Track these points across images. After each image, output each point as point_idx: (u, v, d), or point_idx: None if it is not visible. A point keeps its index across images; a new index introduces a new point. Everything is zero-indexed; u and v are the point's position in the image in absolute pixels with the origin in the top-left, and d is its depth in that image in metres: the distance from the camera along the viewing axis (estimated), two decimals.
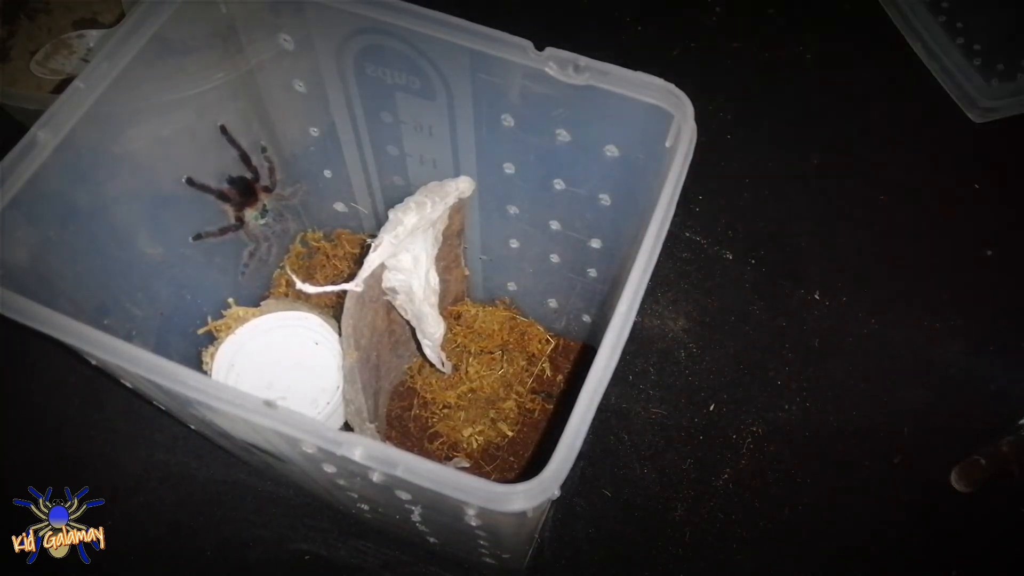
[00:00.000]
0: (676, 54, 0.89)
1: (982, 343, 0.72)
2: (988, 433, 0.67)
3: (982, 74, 0.85)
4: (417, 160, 0.56)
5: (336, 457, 0.34)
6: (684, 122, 0.41)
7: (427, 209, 0.51)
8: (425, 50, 0.46)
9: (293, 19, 0.49)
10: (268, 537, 0.62)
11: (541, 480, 0.33)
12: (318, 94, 0.54)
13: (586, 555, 0.63)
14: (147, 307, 0.55)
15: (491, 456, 0.64)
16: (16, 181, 0.40)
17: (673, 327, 0.72)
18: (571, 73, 0.43)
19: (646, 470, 0.66)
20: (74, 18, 0.81)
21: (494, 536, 0.44)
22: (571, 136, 0.47)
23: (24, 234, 0.42)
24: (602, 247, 0.55)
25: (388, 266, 0.52)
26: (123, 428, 0.66)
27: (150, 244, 0.54)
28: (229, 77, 0.54)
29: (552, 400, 0.66)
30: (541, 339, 0.68)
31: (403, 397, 0.67)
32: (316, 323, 0.61)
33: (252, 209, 0.61)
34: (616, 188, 0.49)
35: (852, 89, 0.88)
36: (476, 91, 0.47)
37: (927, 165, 0.83)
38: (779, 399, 0.69)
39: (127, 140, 0.48)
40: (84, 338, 0.36)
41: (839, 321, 0.73)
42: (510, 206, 0.56)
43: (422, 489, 0.33)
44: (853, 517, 0.65)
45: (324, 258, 0.70)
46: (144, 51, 0.45)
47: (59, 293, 0.46)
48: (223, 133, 0.57)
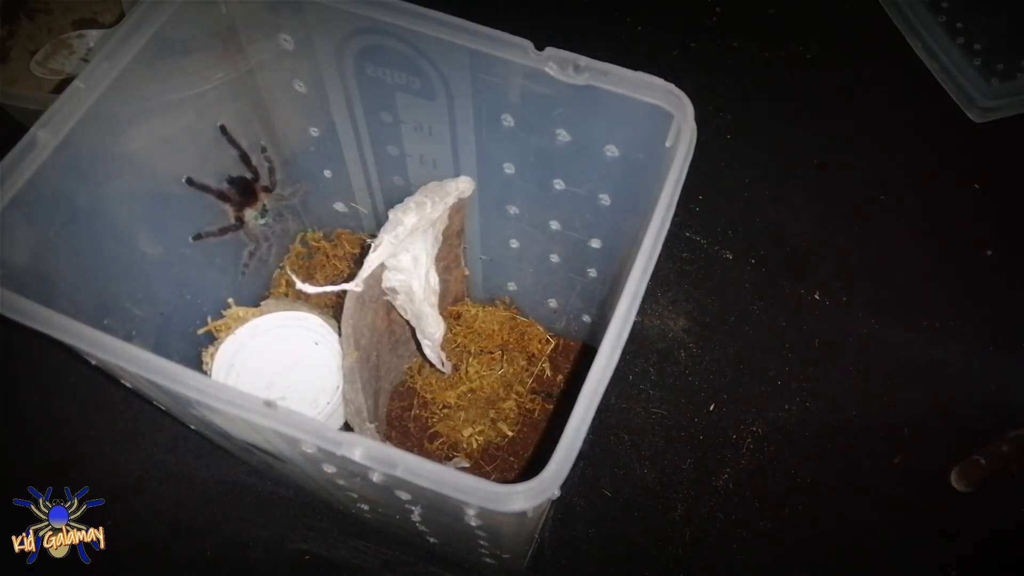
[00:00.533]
0: (676, 54, 0.89)
1: (982, 343, 0.72)
2: (988, 433, 0.67)
3: (982, 74, 0.85)
4: (417, 160, 0.56)
5: (336, 457, 0.34)
6: (684, 122, 0.41)
7: (427, 209, 0.51)
8: (425, 50, 0.46)
9: (293, 19, 0.49)
10: (268, 537, 0.62)
11: (541, 480, 0.33)
12: (318, 94, 0.54)
13: (586, 555, 0.63)
14: (147, 307, 0.55)
15: (491, 456, 0.64)
16: (16, 181, 0.40)
17: (673, 327, 0.72)
18: (571, 73, 0.43)
19: (646, 470, 0.66)
20: (74, 18, 0.81)
21: (494, 536, 0.44)
22: (571, 136, 0.47)
23: (24, 234, 0.42)
24: (602, 247, 0.55)
25: (388, 266, 0.52)
26: (123, 428, 0.66)
27: (150, 244, 0.54)
28: (229, 77, 0.54)
29: (552, 400, 0.66)
30: (541, 339, 0.68)
31: (403, 397, 0.67)
32: (316, 323, 0.61)
33: (252, 209, 0.61)
34: (616, 188, 0.49)
35: (852, 89, 0.88)
36: (476, 91, 0.47)
37: (927, 165, 0.83)
38: (779, 399, 0.69)
39: (127, 140, 0.48)
40: (84, 338, 0.36)
41: (839, 321, 0.73)
42: (510, 206, 0.56)
43: (422, 489, 0.33)
44: (853, 517, 0.65)
45: (324, 258, 0.70)
46: (144, 51, 0.45)
47: (59, 293, 0.46)
48: (223, 133, 0.57)
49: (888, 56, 0.90)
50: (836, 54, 0.90)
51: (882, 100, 0.87)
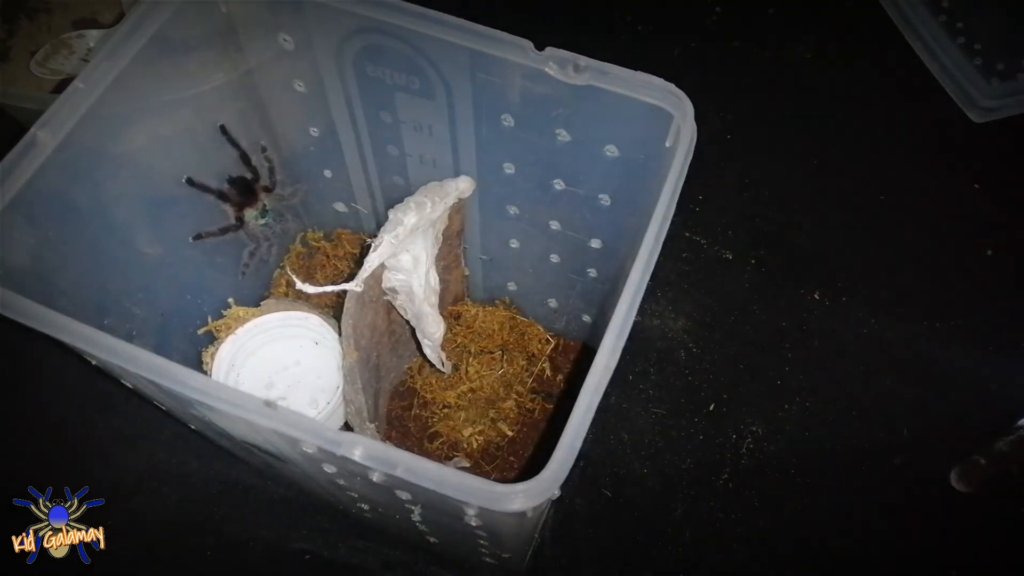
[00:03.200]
0: (676, 54, 0.89)
1: (982, 343, 0.72)
2: (988, 433, 0.67)
3: (982, 74, 0.85)
4: (417, 160, 0.56)
5: (336, 457, 0.34)
6: (684, 122, 0.41)
7: (427, 209, 0.51)
8: (425, 50, 0.46)
9: (293, 19, 0.49)
10: (268, 537, 0.62)
11: (541, 480, 0.33)
12: (318, 94, 0.54)
13: (586, 555, 0.63)
14: (147, 307, 0.55)
15: (491, 456, 0.64)
16: (16, 181, 0.40)
17: (673, 327, 0.72)
18: (571, 73, 0.43)
19: (646, 470, 0.66)
20: (74, 18, 0.81)
21: (494, 536, 0.44)
22: (571, 136, 0.47)
23: (24, 234, 0.42)
24: (602, 247, 0.55)
25: (388, 266, 0.52)
26: (123, 428, 0.66)
27: (150, 244, 0.54)
28: (229, 77, 0.54)
29: (552, 400, 0.66)
30: (541, 339, 0.68)
31: (403, 397, 0.67)
32: (316, 323, 0.61)
33: (252, 209, 0.61)
34: (616, 188, 0.49)
35: (852, 89, 0.88)
36: (476, 91, 0.47)
37: (927, 165, 0.83)
38: (779, 399, 0.69)
39: (127, 140, 0.48)
40: (85, 338, 0.36)
41: (839, 321, 0.73)
42: (510, 206, 0.56)
43: (422, 489, 0.33)
44: (853, 517, 0.65)
45: (324, 258, 0.70)
46: (144, 51, 0.45)
47: (59, 293, 0.46)
48: (223, 133, 0.57)
49: (888, 56, 0.90)
50: (836, 54, 0.90)
51: (882, 100, 0.87)
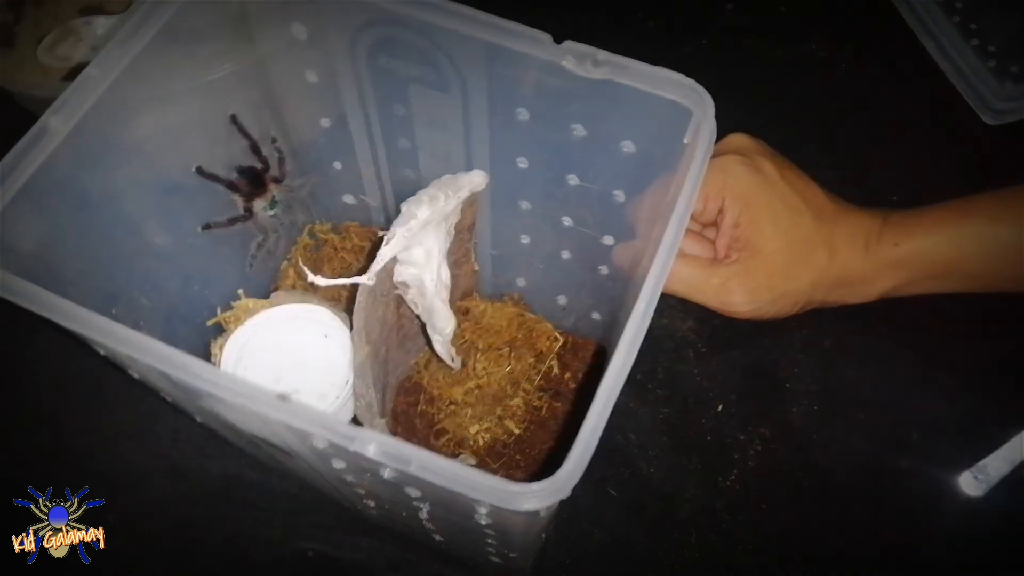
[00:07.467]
0: (687, 50, 0.89)
1: (993, 345, 0.72)
2: (998, 437, 0.66)
3: (996, 76, 0.84)
4: (429, 153, 0.56)
5: (348, 452, 0.33)
6: (704, 119, 0.41)
7: (440, 203, 0.50)
8: (440, 42, 0.45)
9: (306, 8, 0.49)
10: (271, 534, 0.62)
11: (556, 480, 0.32)
12: (330, 85, 0.53)
13: (591, 555, 0.62)
14: (155, 297, 0.54)
15: (497, 454, 0.63)
16: (27, 169, 0.40)
17: (681, 327, 0.72)
18: (589, 67, 0.42)
19: (653, 470, 0.65)
20: (81, 5, 0.80)
21: (503, 535, 0.44)
22: (587, 131, 0.47)
23: (33, 222, 0.42)
24: (615, 244, 0.55)
25: (400, 260, 0.52)
26: (126, 423, 0.66)
27: (159, 233, 0.54)
28: (240, 66, 0.53)
29: (560, 398, 0.65)
30: (549, 336, 0.68)
31: (409, 392, 0.66)
32: (326, 316, 0.61)
33: (261, 200, 0.60)
34: (631, 184, 0.49)
35: (864, 88, 0.87)
36: (491, 84, 0.47)
37: (939, 166, 0.82)
38: (787, 401, 0.68)
39: (137, 128, 0.48)
40: (96, 327, 0.35)
41: (848, 323, 0.72)
42: (522, 201, 0.56)
43: (434, 486, 0.33)
44: (861, 521, 0.64)
45: (332, 250, 0.70)
46: (156, 39, 0.44)
47: (67, 282, 0.45)
48: (234, 122, 0.56)
49: (901, 56, 0.89)
50: (848, 53, 0.89)
51: (894, 100, 0.87)
